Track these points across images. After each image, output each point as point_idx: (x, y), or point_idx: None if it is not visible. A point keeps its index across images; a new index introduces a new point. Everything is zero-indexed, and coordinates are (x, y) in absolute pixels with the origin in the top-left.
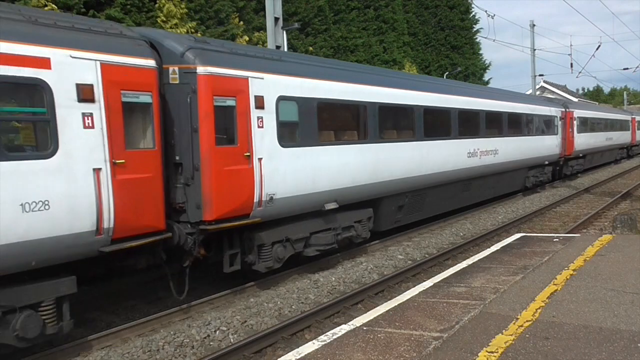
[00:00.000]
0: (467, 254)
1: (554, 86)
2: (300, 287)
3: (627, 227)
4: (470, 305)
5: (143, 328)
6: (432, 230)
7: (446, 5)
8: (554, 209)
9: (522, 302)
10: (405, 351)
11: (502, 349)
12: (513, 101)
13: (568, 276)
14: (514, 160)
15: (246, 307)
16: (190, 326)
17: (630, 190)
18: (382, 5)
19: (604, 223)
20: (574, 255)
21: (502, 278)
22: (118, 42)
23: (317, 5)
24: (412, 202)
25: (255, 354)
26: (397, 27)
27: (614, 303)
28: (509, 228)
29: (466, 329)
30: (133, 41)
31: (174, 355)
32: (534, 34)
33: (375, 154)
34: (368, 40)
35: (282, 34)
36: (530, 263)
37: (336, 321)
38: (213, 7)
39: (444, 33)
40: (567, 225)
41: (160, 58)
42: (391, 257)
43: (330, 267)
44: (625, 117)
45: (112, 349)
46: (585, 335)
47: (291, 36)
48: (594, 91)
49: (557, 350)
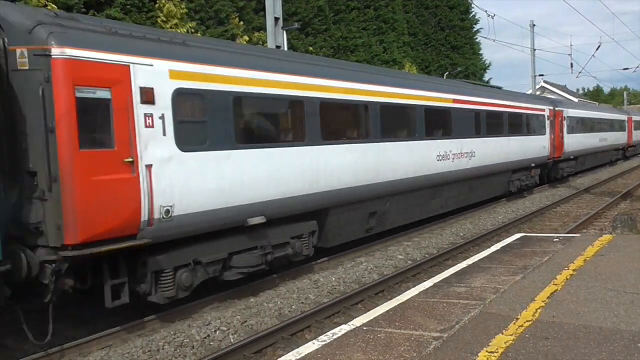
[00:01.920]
0: (467, 254)
1: (554, 86)
2: (300, 287)
3: (627, 227)
4: (470, 305)
5: (143, 328)
6: (432, 230)
7: (446, 5)
8: (554, 209)
9: (522, 302)
10: (405, 351)
11: (502, 349)
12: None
13: (568, 276)
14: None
15: (246, 307)
16: (190, 326)
17: (630, 190)
18: (382, 5)
19: (604, 223)
20: (574, 255)
21: (502, 278)
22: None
23: (317, 5)
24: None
25: (255, 354)
26: (397, 27)
27: (614, 303)
28: (509, 228)
29: (466, 329)
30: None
31: (174, 355)
32: (533, 34)
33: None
34: (368, 40)
35: (282, 34)
36: (530, 263)
37: (336, 321)
38: (213, 7)
39: (444, 33)
40: (567, 225)
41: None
42: (391, 257)
43: (330, 267)
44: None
45: (112, 349)
46: (585, 335)
47: (291, 36)
48: (594, 91)
49: (557, 350)
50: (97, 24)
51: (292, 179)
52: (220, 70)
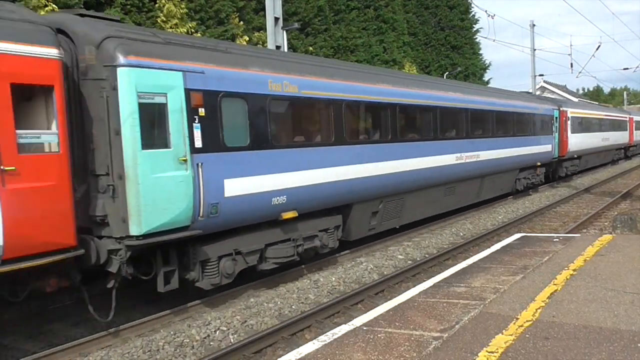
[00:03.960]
0: (467, 254)
1: (554, 86)
2: (300, 287)
3: (627, 227)
4: (470, 305)
5: (143, 328)
6: (432, 230)
7: (446, 5)
8: (554, 209)
9: (522, 302)
10: (405, 351)
11: (502, 349)
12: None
13: (568, 276)
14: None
15: (246, 307)
16: (190, 326)
17: (631, 190)
18: (382, 5)
19: (604, 223)
20: (574, 255)
21: (502, 278)
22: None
23: (317, 5)
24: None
25: (255, 354)
26: (397, 27)
27: (614, 303)
28: (509, 228)
29: (466, 329)
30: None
31: (174, 355)
32: (533, 34)
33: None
34: (368, 40)
35: (282, 34)
36: (530, 263)
37: (336, 321)
38: (213, 7)
39: (444, 33)
40: (567, 225)
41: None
42: (391, 257)
43: (331, 267)
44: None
45: (112, 349)
46: (585, 335)
47: (291, 36)
48: (594, 91)
49: (557, 351)
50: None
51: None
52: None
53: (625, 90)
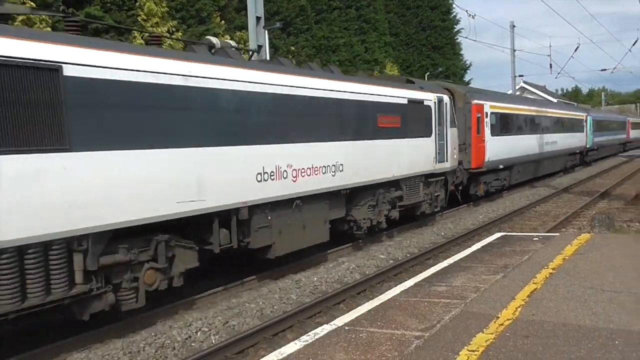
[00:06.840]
0: (448, 254)
1: (533, 87)
2: (282, 287)
3: (605, 226)
4: (452, 304)
5: (124, 329)
6: (414, 229)
7: (427, 5)
8: (533, 208)
9: (503, 301)
10: (387, 350)
11: (483, 348)
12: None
13: (548, 275)
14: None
15: (228, 308)
16: (171, 327)
17: (608, 190)
18: (364, 5)
19: (582, 222)
20: (553, 254)
21: (483, 277)
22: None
23: (299, 5)
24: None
25: (237, 354)
26: (378, 27)
27: (592, 301)
28: (490, 227)
29: (447, 328)
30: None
31: (155, 357)
32: (514, 35)
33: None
34: (350, 40)
35: (263, 34)
36: (510, 262)
37: (318, 321)
38: (194, 6)
39: (425, 33)
40: (547, 225)
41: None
42: (373, 257)
43: (313, 267)
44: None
45: (93, 351)
46: (564, 333)
47: (273, 36)
48: (573, 92)
49: (537, 349)
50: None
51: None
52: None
53: (603, 91)
